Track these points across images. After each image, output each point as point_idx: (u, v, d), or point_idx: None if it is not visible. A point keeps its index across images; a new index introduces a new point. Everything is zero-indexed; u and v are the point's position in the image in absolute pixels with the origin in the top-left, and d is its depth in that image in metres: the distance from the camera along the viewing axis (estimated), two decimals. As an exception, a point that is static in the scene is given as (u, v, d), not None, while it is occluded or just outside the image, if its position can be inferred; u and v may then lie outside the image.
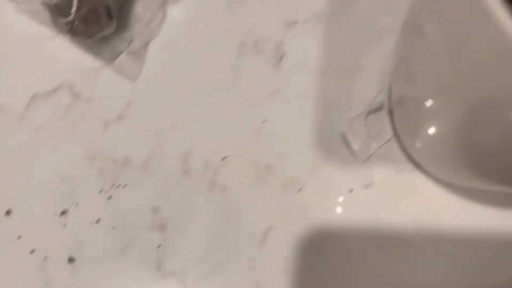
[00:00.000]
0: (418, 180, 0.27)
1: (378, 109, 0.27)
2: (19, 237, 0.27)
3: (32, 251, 0.27)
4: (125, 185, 0.28)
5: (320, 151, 0.28)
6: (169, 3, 0.31)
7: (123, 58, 0.29)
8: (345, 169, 0.28)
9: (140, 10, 0.29)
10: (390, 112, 0.27)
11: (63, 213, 0.27)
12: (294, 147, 0.28)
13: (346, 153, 0.28)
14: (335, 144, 0.28)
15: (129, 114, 0.29)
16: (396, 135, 0.27)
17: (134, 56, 0.29)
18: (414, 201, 0.27)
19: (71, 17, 0.27)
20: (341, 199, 0.27)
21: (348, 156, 0.28)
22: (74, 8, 0.27)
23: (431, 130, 0.21)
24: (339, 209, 0.27)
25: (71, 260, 0.27)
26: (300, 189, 0.27)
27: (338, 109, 0.29)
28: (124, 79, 0.29)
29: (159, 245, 0.27)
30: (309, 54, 0.30)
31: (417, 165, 0.27)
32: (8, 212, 0.27)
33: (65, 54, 0.29)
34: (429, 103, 0.20)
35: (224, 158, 0.28)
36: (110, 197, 0.27)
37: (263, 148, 0.28)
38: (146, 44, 0.30)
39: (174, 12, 0.31)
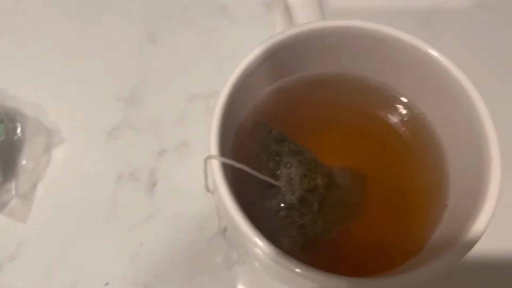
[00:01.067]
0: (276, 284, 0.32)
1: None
2: None
3: None
4: (18, 321, 0.31)
5: (192, 265, 0.33)
6: (53, 146, 0.35)
7: (12, 202, 0.33)
8: (213, 279, 0.32)
9: (25, 161, 0.34)
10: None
11: None
12: (169, 264, 0.33)
13: (214, 264, 0.33)
14: (205, 257, 0.33)
15: (21, 253, 0.33)
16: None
17: (23, 199, 0.34)
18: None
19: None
20: (211, 307, 0.32)
21: (216, 266, 0.33)
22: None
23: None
24: (209, 317, 0.31)
25: None
26: (175, 303, 0.32)
27: (207, 225, 0.34)
28: (15, 221, 0.33)
29: None
30: (178, 178, 0.35)
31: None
32: None
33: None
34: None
35: (107, 283, 0.32)
36: (5, 335, 0.31)
37: (141, 269, 0.32)
38: (34, 187, 0.34)
39: (58, 154, 0.36)
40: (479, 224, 0.20)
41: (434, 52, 0.23)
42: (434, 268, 0.20)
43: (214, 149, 0.20)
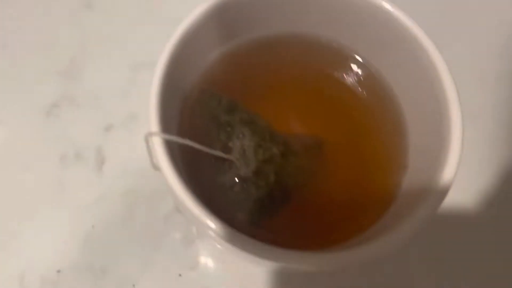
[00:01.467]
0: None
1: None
2: None
3: None
4: (-35, 319, 0.29)
5: (151, 244, 0.31)
6: (-14, 129, 0.32)
7: None
8: (173, 256, 0.31)
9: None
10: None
11: None
12: (126, 245, 0.31)
13: (173, 241, 0.31)
14: (163, 235, 0.31)
15: (-39, 247, 0.30)
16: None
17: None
18: (237, 276, 0.31)
19: None
20: (172, 285, 0.30)
21: (175, 243, 0.31)
22: None
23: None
24: (172, 296, 0.30)
25: None
26: (134, 284, 0.30)
27: (162, 201, 0.32)
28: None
29: None
30: (127, 154, 0.33)
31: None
32: None
33: None
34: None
35: (59, 271, 0.30)
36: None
37: (96, 253, 0.31)
38: (-32, 174, 0.31)
39: (-7, 137, 0.33)
40: (447, 175, 0.19)
41: (388, 6, 0.21)
42: (408, 227, 0.19)
43: (154, 125, 0.18)
